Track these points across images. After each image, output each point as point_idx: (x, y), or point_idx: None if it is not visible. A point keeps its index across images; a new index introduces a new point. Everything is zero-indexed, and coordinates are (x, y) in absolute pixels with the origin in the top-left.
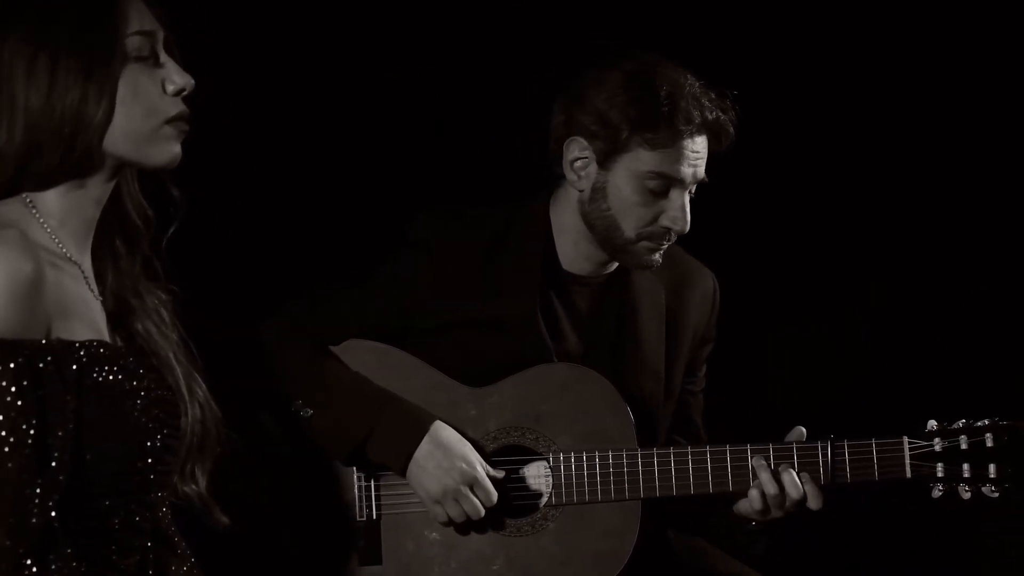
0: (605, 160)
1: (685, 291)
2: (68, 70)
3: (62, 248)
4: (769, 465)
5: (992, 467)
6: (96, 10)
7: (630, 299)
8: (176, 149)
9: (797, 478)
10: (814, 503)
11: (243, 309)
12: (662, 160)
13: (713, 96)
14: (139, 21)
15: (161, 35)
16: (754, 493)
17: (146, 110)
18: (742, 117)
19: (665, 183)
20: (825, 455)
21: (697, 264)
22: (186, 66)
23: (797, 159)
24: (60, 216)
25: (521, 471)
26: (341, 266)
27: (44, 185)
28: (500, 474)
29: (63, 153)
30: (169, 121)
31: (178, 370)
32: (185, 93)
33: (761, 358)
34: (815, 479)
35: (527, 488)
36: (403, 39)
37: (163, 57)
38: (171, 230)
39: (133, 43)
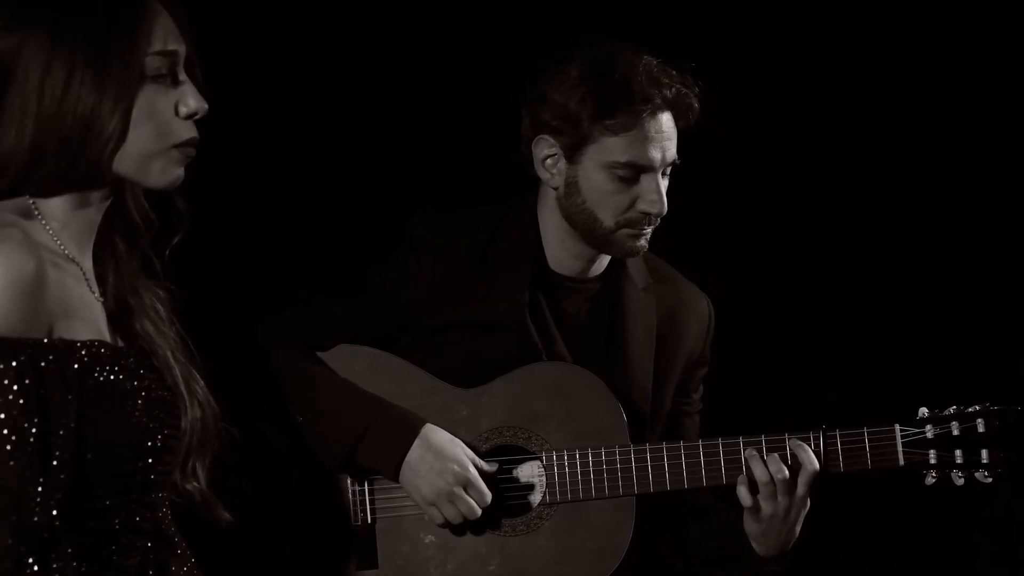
0: (572, 154)
1: (679, 314)
2: (84, 81)
3: (63, 249)
4: (761, 456)
5: (984, 452)
6: (119, 23)
7: (621, 314)
8: (179, 172)
9: (781, 462)
10: (810, 465)
11: (243, 310)
12: (628, 146)
13: (673, 73)
14: (162, 39)
15: (183, 54)
16: (742, 490)
17: (157, 131)
18: (735, 107)
19: (635, 169)
20: (817, 445)
21: (693, 288)
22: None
23: (784, 150)
24: (62, 219)
25: (515, 471)
26: (339, 267)
27: (47, 192)
28: (493, 467)
29: (69, 163)
30: (178, 145)
31: (176, 369)
32: (198, 117)
33: (751, 350)
34: (804, 441)
35: (521, 487)
36: (401, 40)
37: (182, 76)
38: (175, 240)
39: (152, 63)
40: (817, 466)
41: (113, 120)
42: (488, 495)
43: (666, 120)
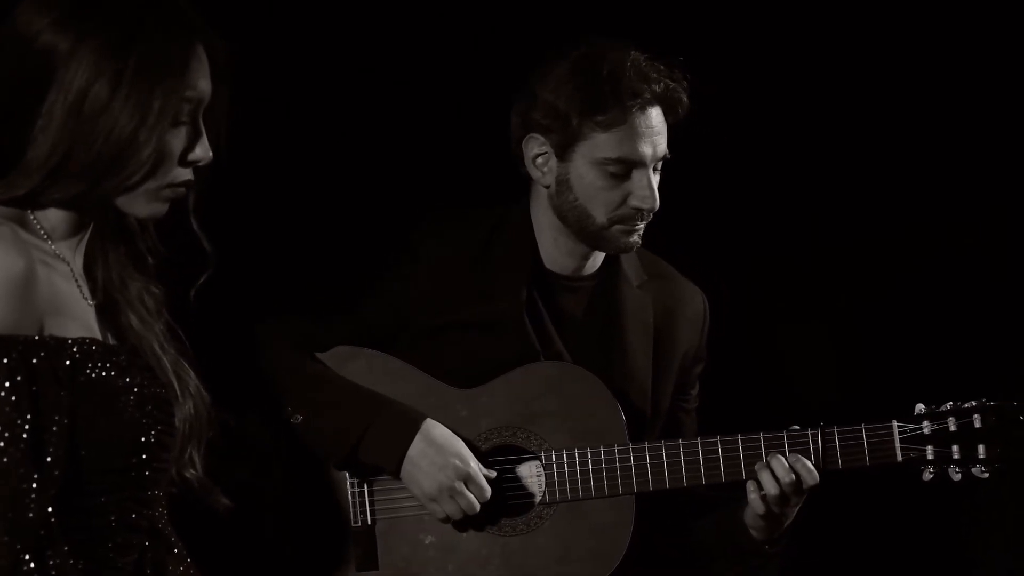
0: (563, 152)
1: (675, 311)
2: (125, 104)
3: (54, 248)
4: (767, 465)
5: (981, 448)
6: (171, 56)
7: (617, 312)
8: (164, 208)
9: (786, 463)
10: (809, 479)
11: (237, 305)
12: (619, 142)
13: (661, 67)
14: (198, 83)
15: (208, 100)
16: (754, 498)
17: (161, 169)
18: (728, 102)
19: (625, 165)
20: (816, 442)
21: (688, 284)
22: None
23: (783, 149)
24: (55, 219)
25: (514, 470)
26: (336, 267)
27: (47, 206)
28: (492, 474)
29: (87, 187)
30: (172, 185)
31: (164, 359)
32: (199, 164)
33: (749, 348)
34: (802, 438)
35: (521, 487)
36: (399, 41)
37: (200, 122)
38: (202, 279)
39: (186, 105)
40: (817, 478)
41: (146, 152)
42: (488, 490)
43: (655, 115)
